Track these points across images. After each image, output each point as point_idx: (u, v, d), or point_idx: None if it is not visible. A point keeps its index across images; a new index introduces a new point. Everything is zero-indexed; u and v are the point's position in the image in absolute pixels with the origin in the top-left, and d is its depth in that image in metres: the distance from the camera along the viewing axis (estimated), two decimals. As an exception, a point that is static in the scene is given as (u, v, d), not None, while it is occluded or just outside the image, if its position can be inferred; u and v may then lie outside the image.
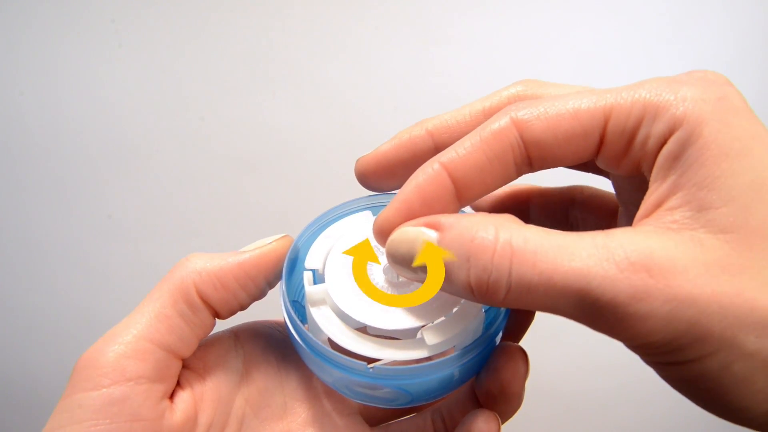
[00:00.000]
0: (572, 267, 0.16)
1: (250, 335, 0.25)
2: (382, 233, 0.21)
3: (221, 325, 0.25)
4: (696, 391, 0.17)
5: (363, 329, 0.23)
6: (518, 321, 0.25)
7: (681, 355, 0.16)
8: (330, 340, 0.23)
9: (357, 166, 0.24)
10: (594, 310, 0.16)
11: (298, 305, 0.25)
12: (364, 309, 0.22)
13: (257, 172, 0.74)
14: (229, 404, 0.23)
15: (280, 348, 0.25)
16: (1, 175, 0.78)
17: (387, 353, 0.22)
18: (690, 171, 0.17)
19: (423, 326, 0.22)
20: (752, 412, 0.17)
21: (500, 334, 0.23)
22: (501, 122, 0.19)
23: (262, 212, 0.75)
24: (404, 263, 0.19)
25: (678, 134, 0.17)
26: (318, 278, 0.24)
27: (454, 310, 0.22)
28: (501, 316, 0.22)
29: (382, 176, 0.23)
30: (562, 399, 0.81)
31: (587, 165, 0.23)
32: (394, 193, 0.22)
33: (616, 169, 0.20)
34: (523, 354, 0.22)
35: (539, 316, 0.24)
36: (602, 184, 0.26)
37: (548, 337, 0.75)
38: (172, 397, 0.22)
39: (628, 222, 0.24)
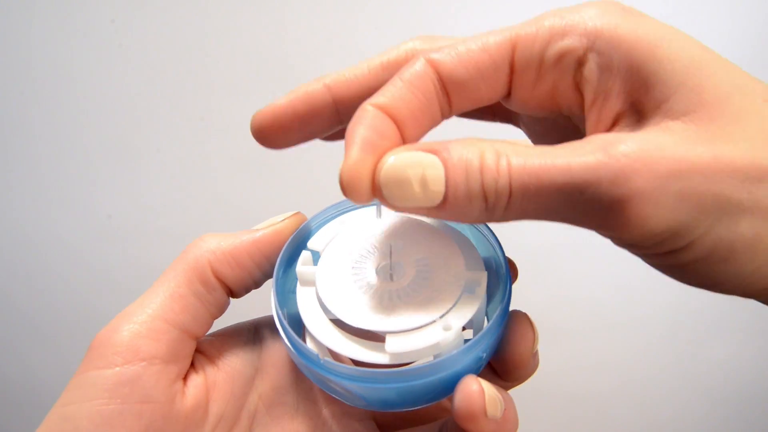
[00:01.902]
0: (555, 164, 0.16)
1: (270, 330, 0.25)
2: (355, 180, 0.18)
3: (240, 316, 0.25)
4: (707, 268, 0.17)
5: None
6: (509, 361, 0.22)
7: (688, 236, 0.16)
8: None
9: (253, 121, 0.23)
10: (583, 201, 0.16)
11: None
12: (341, 300, 0.21)
13: (257, 172, 0.74)
14: (243, 398, 0.23)
15: None
16: (0, 175, 0.78)
17: (350, 349, 0.21)
18: (629, 75, 0.18)
19: (389, 331, 0.20)
20: (766, 269, 0.17)
21: (479, 357, 0.20)
22: (417, 64, 0.19)
23: (263, 212, 0.75)
24: (412, 189, 0.18)
25: (598, 46, 0.18)
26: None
27: (434, 318, 0.20)
28: (485, 342, 0.20)
29: (278, 131, 0.23)
30: (562, 399, 0.81)
31: (501, 114, 0.24)
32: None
33: (529, 104, 0.21)
34: (480, 395, 0.19)
35: (539, 315, 0.24)
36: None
37: (548, 337, 0.75)
38: (185, 379, 0.22)
39: None
